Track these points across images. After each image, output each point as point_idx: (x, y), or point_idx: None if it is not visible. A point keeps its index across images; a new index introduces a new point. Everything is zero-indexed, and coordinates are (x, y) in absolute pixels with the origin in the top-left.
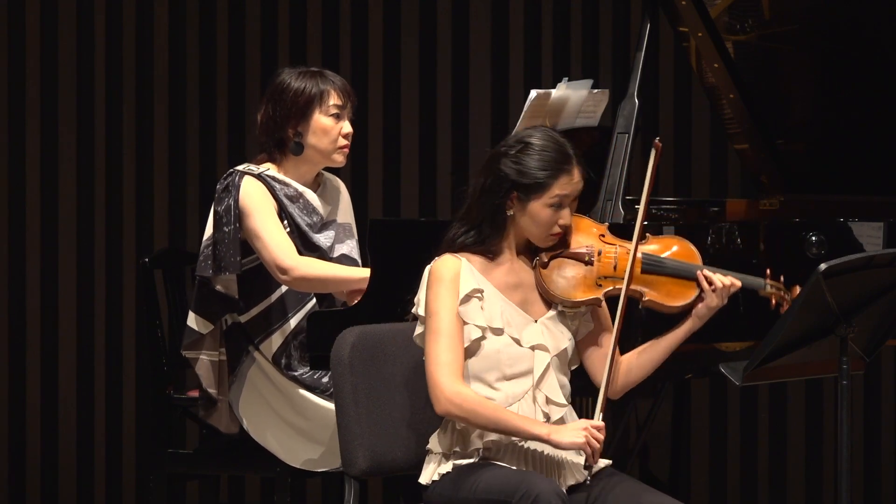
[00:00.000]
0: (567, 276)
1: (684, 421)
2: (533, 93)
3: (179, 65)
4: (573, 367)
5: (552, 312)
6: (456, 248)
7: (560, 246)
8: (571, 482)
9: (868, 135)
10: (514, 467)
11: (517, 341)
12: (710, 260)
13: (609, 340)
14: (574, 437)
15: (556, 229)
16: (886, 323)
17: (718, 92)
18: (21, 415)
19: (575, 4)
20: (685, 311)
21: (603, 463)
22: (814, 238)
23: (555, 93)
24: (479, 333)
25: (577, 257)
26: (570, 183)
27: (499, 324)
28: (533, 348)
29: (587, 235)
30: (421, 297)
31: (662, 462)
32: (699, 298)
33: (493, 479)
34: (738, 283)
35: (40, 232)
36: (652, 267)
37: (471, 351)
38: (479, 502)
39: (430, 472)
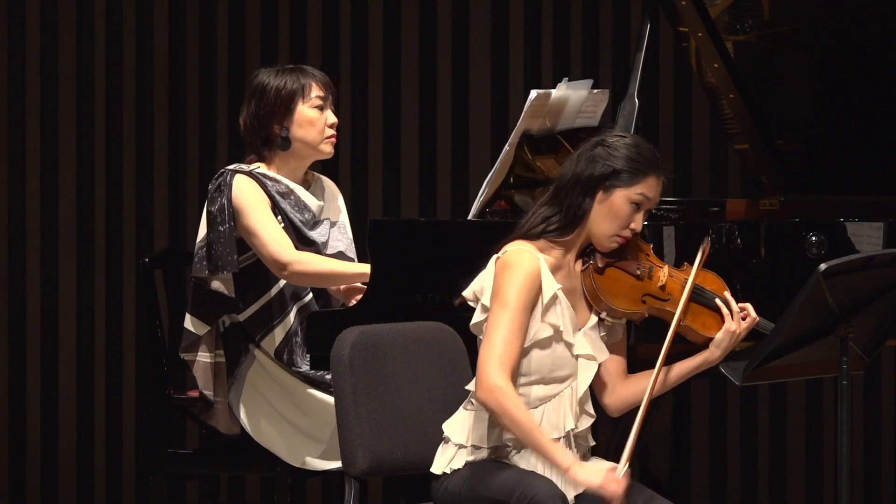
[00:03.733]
0: (616, 285)
1: (684, 421)
2: (533, 93)
3: (179, 65)
4: None
5: (593, 321)
6: (534, 236)
7: (614, 255)
8: (581, 490)
9: (868, 135)
10: (525, 467)
11: (570, 346)
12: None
13: (618, 364)
14: (594, 477)
15: (626, 232)
16: (886, 323)
17: (718, 92)
18: (21, 415)
19: (575, 4)
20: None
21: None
22: (814, 238)
23: (555, 93)
24: (549, 332)
25: (629, 270)
26: (656, 188)
27: (563, 327)
28: (578, 357)
29: (636, 251)
30: (486, 284)
31: (662, 462)
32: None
33: (494, 478)
34: (756, 318)
35: (40, 232)
36: (695, 296)
37: (539, 347)
38: (479, 500)
39: (445, 462)
